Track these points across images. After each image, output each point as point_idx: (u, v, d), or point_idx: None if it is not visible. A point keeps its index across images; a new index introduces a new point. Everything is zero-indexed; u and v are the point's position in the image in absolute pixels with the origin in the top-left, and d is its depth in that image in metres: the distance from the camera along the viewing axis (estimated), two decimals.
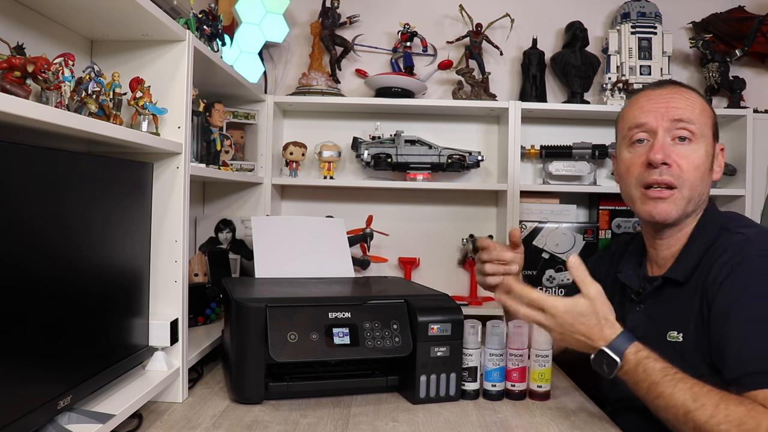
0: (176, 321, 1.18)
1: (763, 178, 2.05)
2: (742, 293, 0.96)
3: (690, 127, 1.08)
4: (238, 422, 1.08)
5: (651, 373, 0.95)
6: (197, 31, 1.34)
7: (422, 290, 1.39)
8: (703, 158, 1.09)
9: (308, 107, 2.08)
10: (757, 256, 0.98)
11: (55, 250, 0.87)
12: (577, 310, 1.02)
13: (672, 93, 1.12)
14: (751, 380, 0.90)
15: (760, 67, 2.22)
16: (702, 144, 1.09)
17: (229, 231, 1.91)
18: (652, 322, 1.10)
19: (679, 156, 1.08)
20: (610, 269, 1.27)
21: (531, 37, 2.14)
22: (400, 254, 2.13)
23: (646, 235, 1.19)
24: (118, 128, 0.98)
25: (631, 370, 0.98)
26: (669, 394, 0.92)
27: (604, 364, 1.00)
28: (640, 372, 0.96)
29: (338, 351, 1.16)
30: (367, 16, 2.17)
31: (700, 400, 0.90)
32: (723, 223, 1.08)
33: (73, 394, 0.90)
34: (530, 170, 2.19)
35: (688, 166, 1.07)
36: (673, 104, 1.10)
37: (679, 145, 1.09)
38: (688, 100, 1.11)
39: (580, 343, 1.03)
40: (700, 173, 1.09)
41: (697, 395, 0.90)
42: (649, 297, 1.14)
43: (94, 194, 0.97)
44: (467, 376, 1.22)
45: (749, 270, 0.97)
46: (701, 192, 1.10)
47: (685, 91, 1.13)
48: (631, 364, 0.98)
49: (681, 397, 0.91)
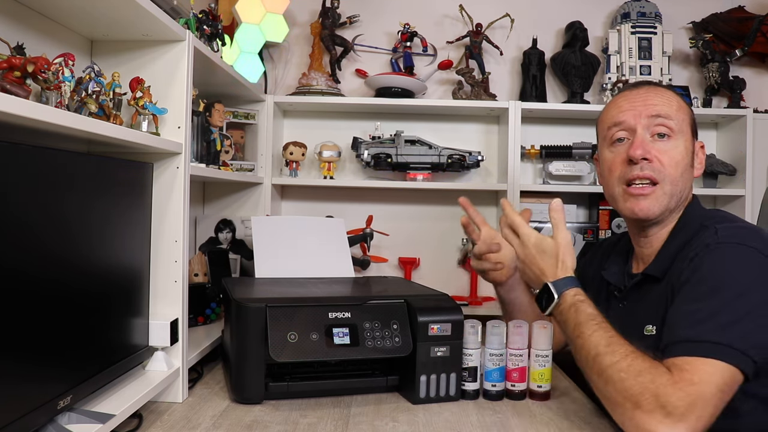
0: (176, 321, 1.18)
1: (763, 178, 2.05)
2: (690, 277, 0.99)
3: (668, 123, 1.10)
4: (238, 422, 1.08)
5: (580, 314, 1.02)
6: (197, 31, 1.34)
7: (422, 290, 1.39)
8: (683, 154, 1.10)
9: (308, 107, 2.08)
10: (716, 244, 1.00)
11: (55, 250, 0.87)
12: (542, 247, 1.11)
13: (648, 91, 1.14)
14: (668, 350, 0.93)
15: (760, 67, 2.22)
16: (681, 140, 1.11)
17: (229, 231, 1.91)
18: (632, 318, 1.12)
19: (659, 151, 1.09)
20: (596, 271, 1.28)
21: (531, 37, 2.14)
22: (400, 254, 2.13)
23: (631, 233, 1.21)
24: (118, 128, 0.98)
25: (564, 310, 1.05)
26: (587, 335, 0.98)
27: (544, 298, 1.08)
28: (572, 312, 1.03)
29: (338, 351, 1.16)
30: (367, 16, 2.17)
31: (612, 347, 0.95)
32: (703, 220, 1.08)
33: (73, 394, 0.90)
34: (530, 170, 2.19)
35: (668, 161, 1.09)
36: (650, 101, 1.12)
37: (659, 141, 1.10)
38: (664, 97, 1.13)
39: (534, 276, 1.12)
40: (680, 169, 1.10)
41: (610, 342, 0.95)
42: (630, 293, 1.16)
43: (94, 194, 0.97)
44: (467, 376, 1.22)
45: (703, 256, 0.99)
46: (682, 188, 1.11)
47: (661, 90, 1.15)
48: (566, 304, 1.05)
49: (596, 341, 0.97)
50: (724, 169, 2.05)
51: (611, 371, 0.92)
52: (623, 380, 0.90)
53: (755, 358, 0.89)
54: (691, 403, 0.85)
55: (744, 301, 0.92)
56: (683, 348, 0.91)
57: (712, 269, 0.98)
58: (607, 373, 0.93)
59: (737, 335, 0.89)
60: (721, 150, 2.14)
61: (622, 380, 0.90)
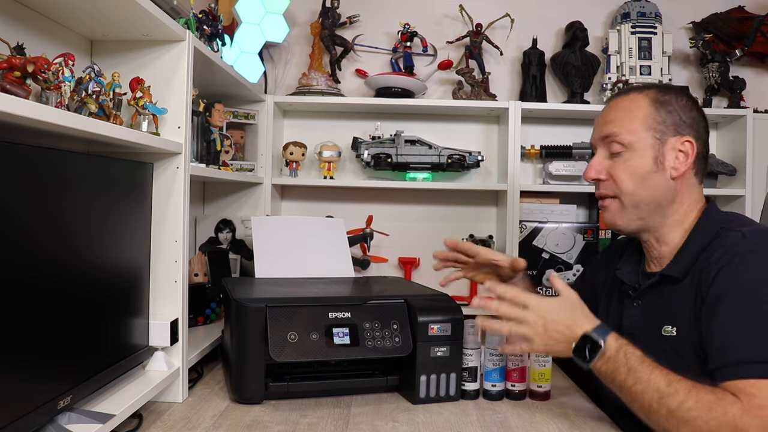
0: (176, 321, 1.18)
1: (763, 178, 2.05)
2: (731, 287, 0.97)
3: (618, 140, 1.11)
4: (238, 422, 1.08)
5: (631, 358, 0.98)
6: (197, 31, 1.34)
7: (422, 290, 1.39)
8: (638, 165, 1.10)
9: (308, 107, 2.08)
10: (750, 252, 0.99)
11: (55, 250, 0.87)
12: (560, 303, 1.07)
13: (611, 106, 1.15)
14: (727, 371, 0.92)
15: (760, 67, 2.22)
16: (637, 152, 1.10)
17: (229, 231, 1.91)
18: (648, 318, 1.12)
19: (613, 168, 1.12)
20: (609, 271, 1.28)
21: (531, 37, 2.14)
22: (400, 254, 2.13)
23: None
24: (118, 128, 0.98)
25: (612, 356, 1.00)
26: (646, 380, 0.95)
27: (587, 349, 1.02)
28: (621, 356, 0.99)
29: (338, 351, 1.16)
30: (367, 16, 2.17)
31: (674, 386, 0.93)
32: (722, 223, 1.08)
33: (73, 394, 0.90)
34: (530, 170, 2.19)
35: (621, 175, 1.11)
36: (606, 119, 1.14)
37: (614, 158, 1.12)
38: (622, 110, 1.12)
39: (560, 334, 1.05)
40: (637, 179, 1.10)
41: (670, 381, 0.93)
42: (646, 293, 1.15)
43: (94, 194, 0.97)
44: (467, 376, 1.22)
45: (739, 264, 0.98)
46: (651, 196, 1.10)
47: (624, 99, 1.14)
48: (613, 350, 1.00)
49: (656, 383, 0.94)
50: (724, 169, 2.05)
51: (681, 412, 0.91)
52: (696, 419, 0.89)
53: None
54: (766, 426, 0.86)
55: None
56: (745, 370, 0.90)
57: (754, 279, 0.97)
58: (677, 415, 0.91)
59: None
60: (721, 150, 2.14)
61: (695, 419, 0.89)
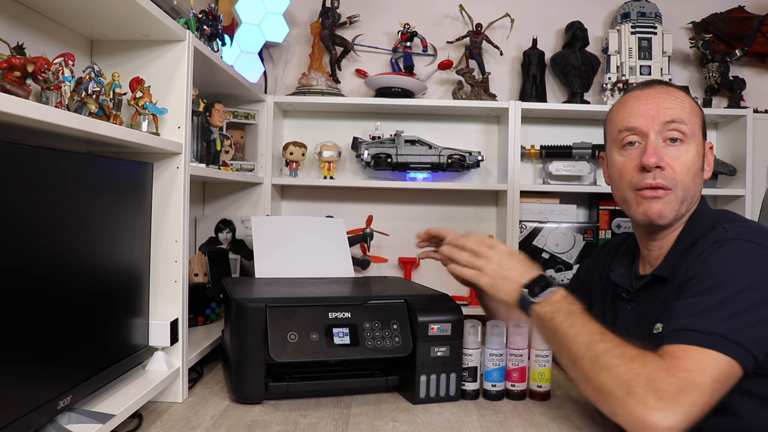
0: (176, 321, 1.18)
1: (763, 178, 2.05)
2: (698, 273, 0.98)
3: (682, 128, 1.08)
4: (238, 422, 1.08)
5: (574, 307, 1.03)
6: (197, 31, 1.34)
7: (422, 290, 1.39)
8: (694, 159, 1.09)
9: (308, 107, 2.08)
10: (725, 240, 0.99)
11: (55, 250, 0.87)
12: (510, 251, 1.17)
13: (660, 93, 1.11)
14: (668, 338, 0.93)
15: (760, 67, 2.22)
16: (693, 144, 1.09)
17: (229, 231, 1.91)
18: (641, 319, 1.11)
19: (672, 158, 1.07)
20: (603, 272, 1.28)
21: (531, 37, 2.14)
22: (400, 254, 2.13)
23: (639, 237, 1.20)
24: (118, 128, 0.98)
25: (559, 300, 1.05)
26: (582, 324, 0.99)
27: (538, 287, 1.07)
28: (565, 303, 1.04)
29: (338, 351, 1.16)
30: (367, 16, 2.17)
31: (606, 335, 0.96)
32: (712, 222, 1.08)
33: (73, 394, 0.90)
34: (530, 170, 2.19)
35: (681, 167, 1.07)
36: (664, 105, 1.09)
37: (671, 146, 1.08)
38: (678, 99, 1.10)
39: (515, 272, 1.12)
40: (692, 174, 1.08)
41: (604, 332, 0.97)
42: (639, 295, 1.15)
43: (94, 194, 0.97)
44: (467, 376, 1.22)
45: (710, 252, 0.99)
46: (693, 193, 1.10)
47: (674, 91, 1.12)
48: (561, 295, 1.05)
49: (591, 328, 0.98)
50: (724, 169, 2.05)
51: (605, 358, 0.92)
52: (616, 366, 0.90)
53: (755, 353, 0.88)
54: (683, 388, 0.84)
55: (748, 296, 0.92)
56: (681, 337, 0.91)
57: (718, 264, 0.97)
58: (600, 360, 0.92)
59: (738, 328, 0.89)
60: (721, 150, 2.14)
61: (615, 366, 0.90)
